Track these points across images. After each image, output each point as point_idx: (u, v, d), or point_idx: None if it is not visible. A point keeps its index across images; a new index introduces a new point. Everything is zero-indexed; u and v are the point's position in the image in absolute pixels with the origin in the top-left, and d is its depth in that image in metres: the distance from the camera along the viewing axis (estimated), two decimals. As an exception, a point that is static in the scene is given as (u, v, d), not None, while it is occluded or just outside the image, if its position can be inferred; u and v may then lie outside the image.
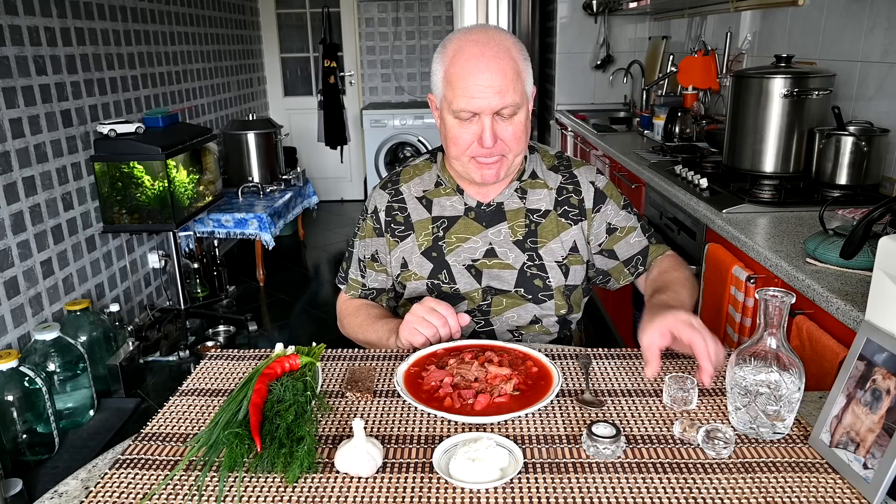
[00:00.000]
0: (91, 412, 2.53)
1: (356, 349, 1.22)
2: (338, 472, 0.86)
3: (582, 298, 1.41)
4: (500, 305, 1.34)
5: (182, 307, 3.37)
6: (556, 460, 0.88)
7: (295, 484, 0.84)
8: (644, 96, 4.03)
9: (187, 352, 3.16)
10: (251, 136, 4.29)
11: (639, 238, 1.38)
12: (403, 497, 0.81)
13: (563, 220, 1.34)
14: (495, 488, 0.82)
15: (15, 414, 2.16)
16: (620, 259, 1.38)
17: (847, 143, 1.84)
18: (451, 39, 1.23)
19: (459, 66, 1.19)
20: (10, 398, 2.14)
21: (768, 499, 0.80)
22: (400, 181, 1.40)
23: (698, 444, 0.90)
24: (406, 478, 0.85)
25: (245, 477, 0.86)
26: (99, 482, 0.86)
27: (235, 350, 1.22)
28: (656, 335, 1.02)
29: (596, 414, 0.99)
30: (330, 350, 1.20)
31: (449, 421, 0.97)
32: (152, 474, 0.87)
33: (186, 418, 1.00)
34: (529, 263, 1.33)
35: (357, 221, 1.46)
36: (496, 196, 1.34)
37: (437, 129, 1.32)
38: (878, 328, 0.85)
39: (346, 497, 0.82)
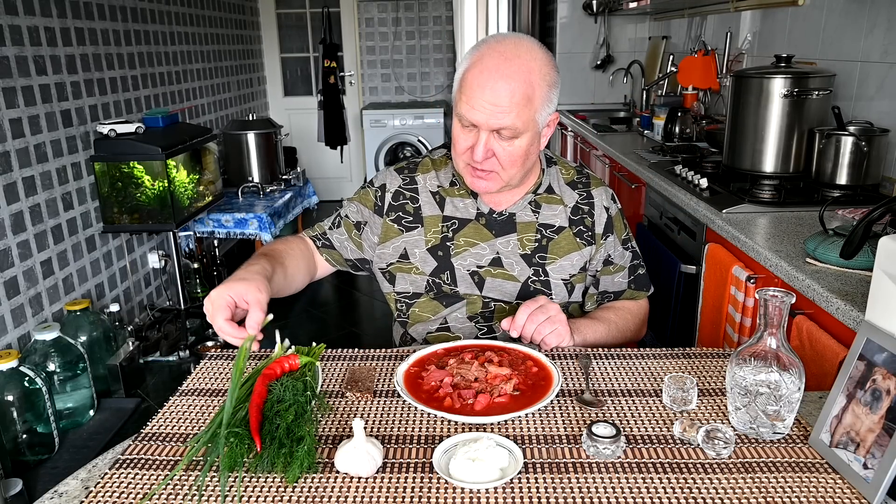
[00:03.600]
0: (91, 412, 2.53)
1: (356, 349, 1.22)
2: (338, 472, 0.86)
3: (579, 311, 1.41)
4: (503, 313, 1.34)
5: (182, 307, 3.37)
6: (556, 460, 0.88)
7: (295, 484, 0.84)
8: (644, 96, 4.03)
9: (187, 352, 3.16)
10: (251, 136, 4.29)
11: (622, 279, 1.39)
12: (403, 497, 0.81)
13: (578, 239, 1.34)
14: (495, 488, 0.82)
15: (15, 414, 2.16)
16: (598, 290, 1.39)
17: (847, 143, 1.84)
18: (483, 42, 1.21)
19: (473, 73, 1.17)
20: (10, 398, 2.14)
21: (768, 499, 0.80)
22: (417, 171, 1.38)
23: (698, 444, 0.90)
24: (406, 478, 0.85)
25: (245, 477, 0.86)
26: (99, 482, 0.86)
27: (235, 350, 1.21)
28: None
29: (596, 414, 0.99)
30: (330, 350, 1.20)
31: (449, 421, 0.97)
32: (152, 474, 0.87)
33: (186, 418, 1.00)
34: (535, 278, 1.32)
35: (359, 188, 1.44)
36: (509, 206, 1.33)
37: (438, 129, 1.32)
38: (878, 328, 0.85)
39: (346, 497, 0.82)
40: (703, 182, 2.10)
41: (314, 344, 1.12)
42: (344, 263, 1.43)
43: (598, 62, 4.57)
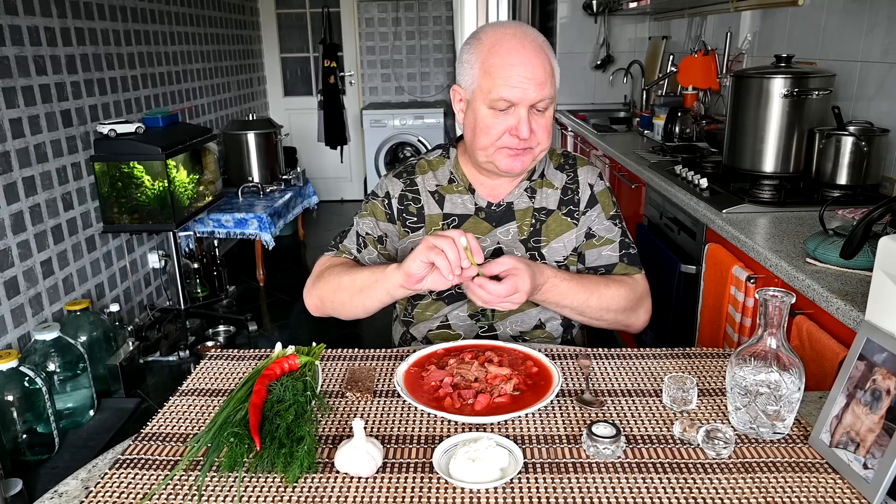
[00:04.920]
0: (91, 412, 2.53)
1: (356, 349, 1.22)
2: (338, 472, 0.86)
3: None
4: (503, 312, 1.34)
5: (182, 307, 3.37)
6: (556, 460, 0.88)
7: (295, 484, 0.84)
8: (644, 96, 4.03)
9: (187, 352, 3.16)
10: (251, 136, 4.29)
11: (612, 252, 1.35)
12: (403, 497, 0.81)
13: (567, 219, 1.34)
14: (495, 488, 0.82)
15: (15, 414, 2.16)
16: (586, 265, 1.36)
17: (847, 143, 1.84)
18: (487, 32, 1.24)
19: (500, 56, 1.19)
20: (10, 398, 2.14)
21: (768, 499, 0.80)
22: (415, 172, 1.39)
23: (698, 444, 0.90)
24: (406, 478, 0.85)
25: (245, 477, 0.86)
26: (99, 482, 0.86)
27: (235, 350, 1.22)
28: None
29: (596, 414, 0.99)
30: (330, 350, 1.20)
31: (449, 421, 0.97)
32: (152, 474, 0.87)
33: (186, 418, 1.00)
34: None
35: (363, 203, 1.42)
36: (506, 196, 1.34)
37: (438, 129, 1.32)
38: (878, 328, 0.85)
39: (346, 497, 0.82)
40: (703, 182, 2.10)
41: (314, 344, 1.12)
42: None
43: (598, 62, 4.57)
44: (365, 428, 0.94)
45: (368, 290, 1.22)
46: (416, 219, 1.36)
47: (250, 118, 4.49)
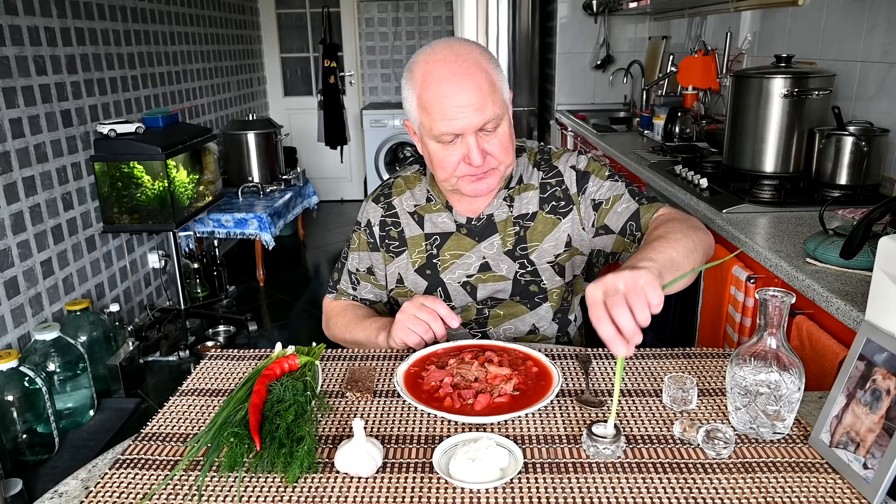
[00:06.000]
0: (91, 412, 2.53)
1: (356, 349, 1.22)
2: (338, 472, 0.86)
3: (585, 286, 1.38)
4: (498, 317, 1.34)
5: (182, 307, 3.37)
6: (556, 460, 0.88)
7: (295, 484, 0.84)
8: (644, 96, 4.03)
9: (187, 352, 3.16)
10: (251, 136, 4.29)
11: (627, 204, 1.27)
12: (403, 497, 0.81)
13: (551, 216, 1.30)
14: (495, 488, 0.82)
15: (15, 414, 2.16)
16: (616, 231, 1.27)
17: (847, 143, 1.84)
18: (417, 62, 1.19)
19: (432, 90, 1.14)
20: (10, 398, 2.14)
21: (768, 499, 0.80)
22: (392, 195, 1.38)
23: (698, 444, 0.90)
24: (406, 478, 0.85)
25: (245, 477, 0.86)
26: (99, 482, 0.86)
27: (235, 350, 1.22)
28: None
29: (596, 414, 0.99)
30: (330, 350, 1.20)
31: (449, 421, 0.97)
32: (152, 474, 0.87)
33: (186, 418, 1.00)
34: (522, 271, 1.31)
35: (350, 234, 1.44)
36: (485, 209, 1.31)
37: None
38: (878, 328, 0.85)
39: (346, 497, 0.82)
40: (703, 182, 2.10)
41: (314, 344, 1.12)
42: (386, 310, 1.45)
43: (598, 62, 4.57)
44: (365, 428, 0.94)
45: (368, 344, 1.29)
46: (397, 243, 1.35)
47: (250, 118, 4.49)
